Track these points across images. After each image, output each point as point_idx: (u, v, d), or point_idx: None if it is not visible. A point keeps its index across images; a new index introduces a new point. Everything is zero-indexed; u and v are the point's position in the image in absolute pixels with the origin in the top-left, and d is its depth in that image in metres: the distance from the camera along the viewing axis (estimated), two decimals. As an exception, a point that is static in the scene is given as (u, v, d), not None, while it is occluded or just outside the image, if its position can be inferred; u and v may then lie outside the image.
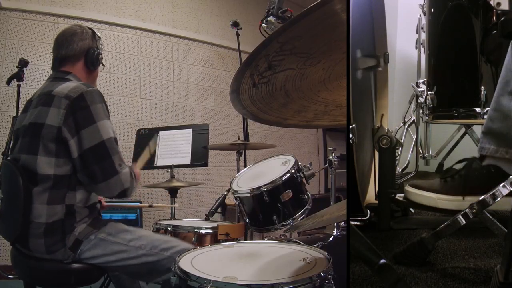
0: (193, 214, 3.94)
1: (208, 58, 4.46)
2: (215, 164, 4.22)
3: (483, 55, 1.75)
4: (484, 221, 1.14)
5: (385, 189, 1.48)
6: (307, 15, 0.84)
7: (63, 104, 1.36)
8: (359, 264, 1.18)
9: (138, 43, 3.93)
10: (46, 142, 1.35)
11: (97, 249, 1.39)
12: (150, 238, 1.45)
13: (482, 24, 1.74)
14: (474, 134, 2.30)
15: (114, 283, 1.78)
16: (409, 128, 2.23)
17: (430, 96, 1.85)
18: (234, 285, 0.91)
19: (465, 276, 1.10)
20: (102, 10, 3.71)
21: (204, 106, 4.37)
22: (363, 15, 1.53)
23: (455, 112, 1.82)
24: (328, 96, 1.30)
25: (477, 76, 1.77)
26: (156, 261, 1.40)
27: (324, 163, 1.84)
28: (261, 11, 1.15)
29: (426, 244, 1.17)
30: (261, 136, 4.71)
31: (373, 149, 1.61)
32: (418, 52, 2.15)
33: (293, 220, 1.50)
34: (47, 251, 1.34)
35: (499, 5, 1.37)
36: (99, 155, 1.37)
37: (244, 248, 1.24)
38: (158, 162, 2.70)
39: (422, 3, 2.00)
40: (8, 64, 3.20)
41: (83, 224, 1.40)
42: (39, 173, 1.35)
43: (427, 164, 2.31)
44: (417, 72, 2.18)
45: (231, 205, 2.00)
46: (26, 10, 3.32)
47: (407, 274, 1.12)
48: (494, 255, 1.24)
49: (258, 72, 1.07)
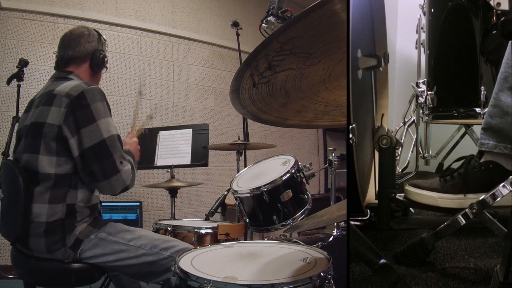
0: (193, 214, 3.94)
1: (208, 58, 4.46)
2: (215, 164, 4.22)
3: (483, 55, 1.75)
4: (484, 221, 1.14)
5: (385, 189, 1.48)
6: (307, 15, 0.84)
7: (64, 103, 1.36)
8: (359, 264, 1.18)
9: (138, 43, 3.93)
10: (47, 141, 1.36)
11: (97, 248, 1.39)
12: (150, 237, 1.45)
13: (482, 24, 1.74)
14: (474, 134, 2.30)
15: (114, 283, 1.79)
16: (409, 128, 2.23)
17: (430, 96, 1.85)
18: (234, 285, 0.91)
19: (465, 276, 1.10)
20: (102, 10, 3.71)
21: (204, 106, 4.38)
22: (363, 15, 1.53)
23: (455, 112, 1.83)
24: (328, 96, 1.30)
25: (477, 76, 1.77)
26: (155, 261, 1.40)
27: (324, 163, 1.84)
28: (261, 11, 1.15)
29: (426, 244, 1.17)
30: (261, 136, 4.71)
31: (373, 149, 1.61)
32: (418, 52, 2.15)
33: (293, 220, 1.50)
34: (47, 250, 1.34)
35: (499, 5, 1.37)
36: (100, 154, 1.37)
37: (244, 248, 1.24)
38: (158, 162, 2.70)
39: (422, 3, 2.00)
40: (8, 64, 3.20)
41: (83, 223, 1.40)
42: (40, 172, 1.35)
43: (427, 164, 2.31)
44: (417, 72, 2.18)
45: (231, 205, 2.00)
46: (26, 10, 3.32)
47: (407, 274, 1.13)
48: (494, 255, 1.24)
49: (258, 72, 1.07)
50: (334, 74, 1.18)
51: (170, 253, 1.40)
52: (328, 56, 1.07)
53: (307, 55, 1.03)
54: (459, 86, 1.84)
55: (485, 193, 1.11)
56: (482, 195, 1.12)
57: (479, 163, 1.26)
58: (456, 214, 1.14)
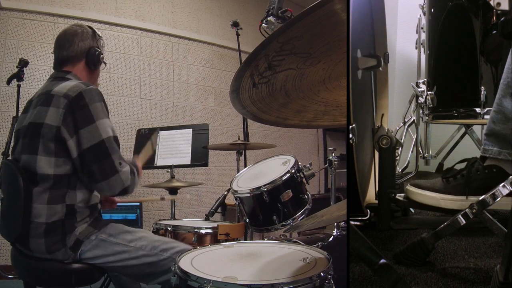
0: (193, 214, 3.94)
1: (208, 58, 4.46)
2: (215, 164, 4.22)
3: (483, 55, 1.75)
4: (484, 221, 1.14)
5: (385, 189, 1.48)
6: (307, 15, 0.84)
7: (62, 104, 1.36)
8: (359, 264, 1.18)
9: (138, 43, 3.93)
10: (45, 141, 1.35)
11: (97, 249, 1.39)
12: (150, 239, 1.45)
13: (482, 24, 1.74)
14: (474, 134, 2.30)
15: (114, 283, 1.78)
16: (409, 128, 2.23)
17: (430, 96, 1.85)
18: (234, 285, 0.91)
19: (465, 276, 1.10)
20: (102, 10, 3.71)
21: (204, 106, 4.37)
22: (363, 15, 1.53)
23: (455, 112, 1.82)
24: (328, 96, 1.30)
25: (477, 76, 1.77)
26: (155, 262, 1.40)
27: (324, 163, 1.84)
28: (261, 11, 1.15)
29: (426, 244, 1.17)
30: (261, 136, 4.71)
31: (373, 149, 1.61)
32: (418, 52, 2.15)
33: (293, 220, 1.50)
34: (47, 251, 1.34)
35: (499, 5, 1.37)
36: (99, 155, 1.37)
37: (244, 248, 1.24)
38: (158, 162, 2.70)
39: (422, 3, 2.00)
40: (8, 64, 3.20)
41: (83, 224, 1.40)
42: (39, 173, 1.35)
43: (427, 164, 2.31)
44: (417, 72, 2.18)
45: (231, 205, 2.00)
46: (26, 10, 3.32)
47: (407, 274, 1.13)
48: (494, 255, 1.24)
49: (258, 72, 1.07)
50: (334, 74, 1.18)
51: (170, 254, 1.40)
52: (328, 56, 1.07)
53: (307, 55, 1.03)
54: (459, 86, 1.84)
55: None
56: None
57: (483, 166, 1.27)
58: (456, 214, 1.14)
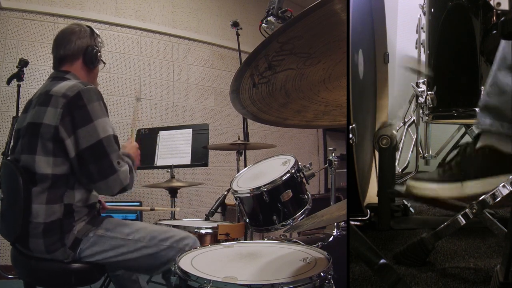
0: (193, 214, 3.94)
1: (208, 58, 4.46)
2: (215, 164, 4.22)
3: (483, 55, 1.75)
4: (484, 221, 1.14)
5: (385, 189, 1.48)
6: (307, 15, 0.84)
7: (60, 103, 1.36)
8: (359, 264, 1.18)
9: (138, 43, 3.93)
10: (44, 141, 1.35)
11: (96, 246, 1.39)
12: (148, 230, 1.44)
13: (482, 24, 1.74)
14: (474, 134, 2.29)
15: (114, 283, 1.78)
16: (409, 128, 2.23)
17: (430, 96, 1.85)
18: (234, 285, 0.91)
19: (465, 276, 1.10)
20: (102, 10, 3.71)
21: (204, 106, 4.37)
22: (363, 15, 1.53)
23: (455, 112, 1.82)
24: (328, 96, 1.30)
25: (477, 76, 1.77)
26: (156, 252, 1.40)
27: (324, 163, 1.84)
28: (261, 11, 1.15)
29: (426, 244, 1.17)
30: (261, 136, 4.71)
31: (373, 149, 1.61)
32: (418, 52, 2.15)
33: (293, 220, 1.50)
34: (46, 250, 1.34)
35: (499, 5, 1.37)
36: (97, 155, 1.36)
37: (244, 248, 1.24)
38: (158, 162, 2.70)
39: (422, 3, 2.00)
40: (8, 64, 3.20)
41: (81, 222, 1.40)
42: (37, 173, 1.34)
43: (427, 164, 2.31)
44: (417, 72, 2.18)
45: (231, 205, 2.00)
46: (26, 10, 3.32)
47: (407, 274, 1.13)
48: (494, 255, 1.24)
49: (258, 72, 1.07)
50: (334, 74, 1.18)
51: (170, 243, 1.40)
52: (328, 56, 1.07)
53: (307, 55, 1.03)
54: (459, 86, 1.84)
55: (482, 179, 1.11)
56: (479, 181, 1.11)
57: (475, 149, 1.25)
58: (456, 214, 1.14)
